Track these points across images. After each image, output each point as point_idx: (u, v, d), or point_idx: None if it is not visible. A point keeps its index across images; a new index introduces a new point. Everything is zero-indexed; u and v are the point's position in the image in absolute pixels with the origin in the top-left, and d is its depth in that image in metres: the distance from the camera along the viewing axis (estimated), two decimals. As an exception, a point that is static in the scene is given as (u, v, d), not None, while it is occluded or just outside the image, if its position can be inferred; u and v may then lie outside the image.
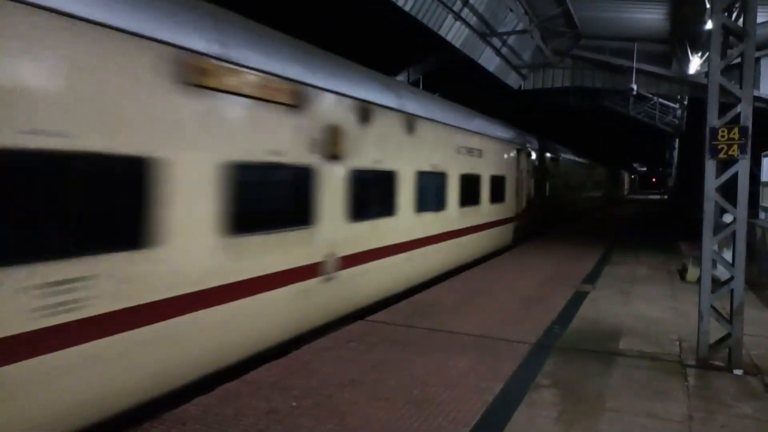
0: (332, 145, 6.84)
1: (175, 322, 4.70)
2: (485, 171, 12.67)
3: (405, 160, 8.87)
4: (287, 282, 6.10)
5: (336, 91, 6.97)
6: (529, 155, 16.65)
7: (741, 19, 5.82)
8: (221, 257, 5.16)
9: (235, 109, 5.32)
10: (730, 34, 5.90)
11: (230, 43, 5.25)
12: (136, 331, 4.34)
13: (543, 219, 18.88)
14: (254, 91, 5.50)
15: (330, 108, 6.84)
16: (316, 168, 6.56)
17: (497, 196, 13.60)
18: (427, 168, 9.64)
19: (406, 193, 8.93)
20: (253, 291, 5.58)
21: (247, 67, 5.41)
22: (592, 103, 25.14)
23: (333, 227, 6.94)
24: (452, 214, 10.91)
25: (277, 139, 5.89)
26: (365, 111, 7.64)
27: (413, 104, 9.26)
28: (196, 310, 4.91)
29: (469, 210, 11.72)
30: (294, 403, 4.56)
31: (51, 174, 3.76)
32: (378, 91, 8.18)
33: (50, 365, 3.76)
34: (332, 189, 6.91)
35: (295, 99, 6.12)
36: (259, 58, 5.61)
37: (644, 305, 8.39)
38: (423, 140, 9.48)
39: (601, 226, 22.75)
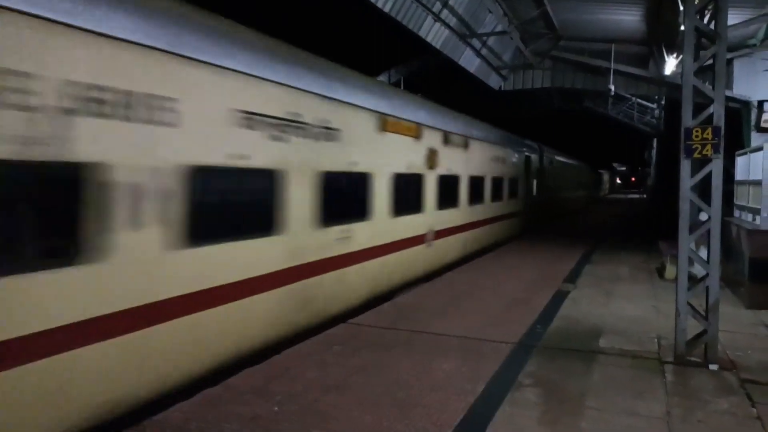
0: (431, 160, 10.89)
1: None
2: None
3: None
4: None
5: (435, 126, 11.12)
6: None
7: (713, 22, 5.95)
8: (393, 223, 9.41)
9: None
10: (702, 36, 6.02)
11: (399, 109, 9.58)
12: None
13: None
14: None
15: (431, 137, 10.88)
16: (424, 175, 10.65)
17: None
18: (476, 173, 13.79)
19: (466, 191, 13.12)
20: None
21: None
22: (574, 103, 25.45)
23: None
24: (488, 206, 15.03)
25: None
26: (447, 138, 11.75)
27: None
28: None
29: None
30: (277, 409, 4.54)
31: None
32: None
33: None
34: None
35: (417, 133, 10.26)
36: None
37: (624, 304, 8.51)
38: (473, 154, 13.50)
39: (582, 227, 23.01)
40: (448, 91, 20.40)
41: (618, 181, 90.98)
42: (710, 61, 5.85)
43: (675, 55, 13.16)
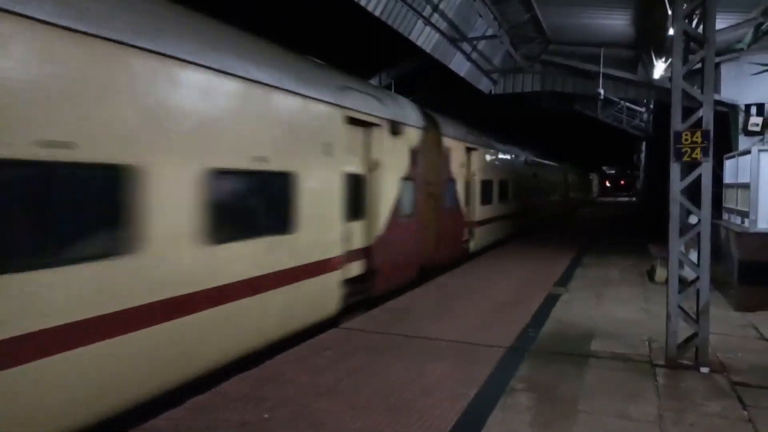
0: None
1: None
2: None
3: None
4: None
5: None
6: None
7: (701, 26, 5.99)
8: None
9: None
10: (691, 40, 6.07)
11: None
12: None
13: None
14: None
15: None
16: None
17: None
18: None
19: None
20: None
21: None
22: (563, 106, 25.58)
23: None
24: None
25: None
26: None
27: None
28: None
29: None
30: (268, 415, 4.49)
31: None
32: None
33: None
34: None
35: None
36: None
37: (615, 306, 8.53)
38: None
39: (572, 230, 23.10)
40: (448, 91, 20.45)
41: (607, 184, 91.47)
42: (699, 65, 5.89)
43: (663, 59, 13.26)
